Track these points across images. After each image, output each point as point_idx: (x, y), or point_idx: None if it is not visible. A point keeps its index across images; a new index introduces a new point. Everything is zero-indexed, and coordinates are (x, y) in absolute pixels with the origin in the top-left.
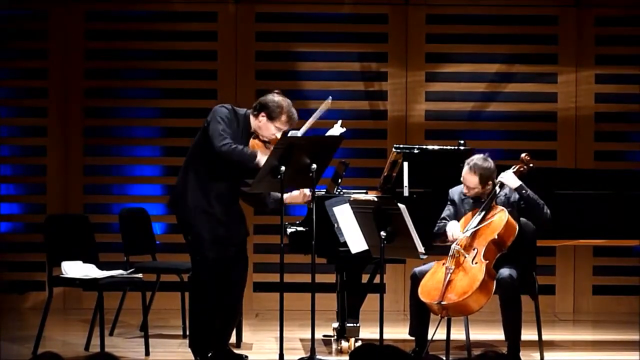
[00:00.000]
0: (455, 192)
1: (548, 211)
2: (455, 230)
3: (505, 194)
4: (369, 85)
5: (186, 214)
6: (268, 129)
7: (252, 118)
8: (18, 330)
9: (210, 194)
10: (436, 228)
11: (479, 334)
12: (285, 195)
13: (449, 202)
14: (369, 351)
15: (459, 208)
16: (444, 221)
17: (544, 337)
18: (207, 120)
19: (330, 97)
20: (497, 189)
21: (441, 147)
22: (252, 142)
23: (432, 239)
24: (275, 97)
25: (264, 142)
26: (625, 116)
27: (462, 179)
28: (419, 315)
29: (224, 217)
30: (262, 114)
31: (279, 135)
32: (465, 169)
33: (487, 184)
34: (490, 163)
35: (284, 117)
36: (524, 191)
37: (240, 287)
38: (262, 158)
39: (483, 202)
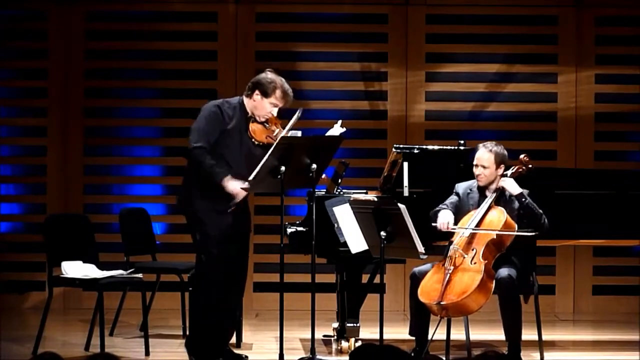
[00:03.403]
0: (461, 186)
1: (546, 221)
2: (448, 219)
3: (510, 197)
4: (369, 85)
5: (196, 214)
6: (263, 106)
7: (246, 100)
8: (18, 330)
9: (217, 190)
10: (434, 210)
11: (479, 334)
12: None
13: (454, 194)
14: (369, 351)
15: (462, 202)
16: (443, 207)
17: (544, 337)
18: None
19: (300, 110)
20: (499, 190)
21: (441, 147)
22: (252, 126)
23: (430, 222)
24: (268, 75)
25: (262, 123)
26: (625, 116)
27: (475, 161)
28: (419, 315)
29: (233, 214)
30: (256, 92)
31: (275, 112)
32: (480, 150)
33: (500, 166)
34: (502, 148)
35: (278, 92)
36: (523, 199)
37: (241, 286)
38: (228, 183)
39: (493, 192)
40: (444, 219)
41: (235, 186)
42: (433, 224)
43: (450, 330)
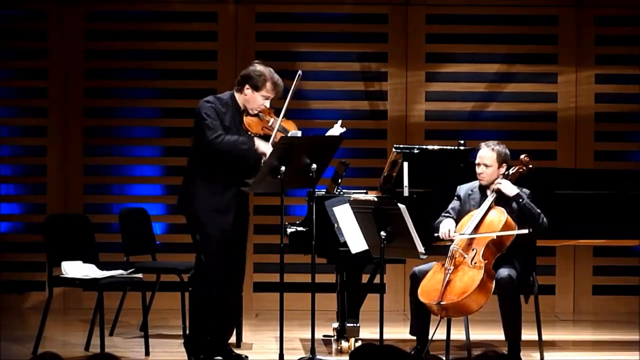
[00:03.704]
0: (462, 188)
1: (545, 221)
2: (448, 227)
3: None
4: (369, 85)
5: (196, 214)
6: (255, 100)
7: (237, 95)
8: (18, 330)
9: (218, 190)
10: (437, 220)
11: (479, 334)
12: None
13: (455, 197)
14: (369, 351)
15: (464, 204)
16: (445, 215)
17: (544, 337)
18: (195, 120)
19: (300, 72)
20: (496, 192)
21: (441, 147)
22: (246, 119)
23: (433, 232)
24: (257, 67)
25: (256, 115)
26: (625, 116)
27: (477, 160)
28: (419, 315)
29: (234, 214)
30: (247, 86)
31: (267, 104)
32: (483, 149)
33: (502, 165)
34: (504, 147)
35: (269, 85)
36: (520, 200)
37: (240, 286)
38: (259, 142)
39: (493, 192)
40: (445, 227)
41: (267, 146)
42: (436, 234)
43: (450, 330)
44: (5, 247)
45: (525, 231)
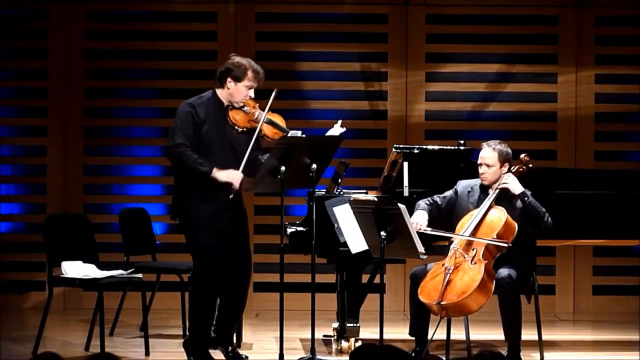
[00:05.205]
0: (462, 183)
1: (549, 220)
2: (419, 222)
3: (512, 196)
4: (369, 85)
5: (192, 219)
6: (239, 91)
7: (219, 91)
8: (18, 330)
9: (210, 192)
10: (417, 204)
11: (479, 334)
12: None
13: (452, 190)
14: (369, 351)
15: (460, 199)
16: (427, 203)
17: (544, 337)
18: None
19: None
20: (499, 189)
21: (441, 147)
22: (232, 114)
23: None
24: (235, 59)
25: (241, 109)
26: (625, 116)
27: (479, 160)
28: (419, 315)
29: (230, 214)
30: (228, 79)
31: (252, 94)
32: (484, 149)
33: (504, 165)
34: (506, 146)
35: (250, 73)
36: (526, 198)
37: (243, 284)
38: (218, 175)
39: (494, 191)
40: (415, 219)
41: (227, 174)
42: None
43: (450, 330)
44: (5, 247)
45: (505, 244)
